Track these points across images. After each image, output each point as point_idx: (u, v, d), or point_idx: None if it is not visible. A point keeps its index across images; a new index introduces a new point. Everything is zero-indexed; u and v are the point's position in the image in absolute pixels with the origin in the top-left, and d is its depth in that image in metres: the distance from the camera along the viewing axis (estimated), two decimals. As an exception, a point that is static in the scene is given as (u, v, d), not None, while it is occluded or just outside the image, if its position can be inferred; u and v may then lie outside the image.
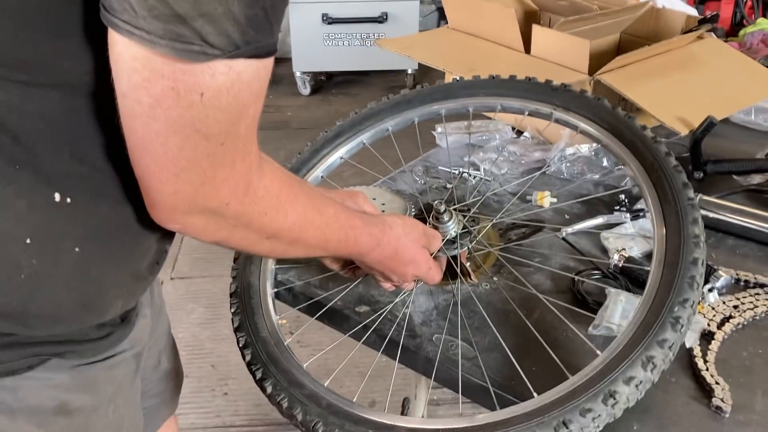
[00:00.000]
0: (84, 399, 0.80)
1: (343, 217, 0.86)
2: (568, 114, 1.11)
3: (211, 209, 0.68)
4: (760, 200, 1.36)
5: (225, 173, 0.66)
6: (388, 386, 2.22)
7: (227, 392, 2.36)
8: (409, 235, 0.94)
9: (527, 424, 0.76)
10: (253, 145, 0.69)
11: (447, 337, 1.02)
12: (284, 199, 0.75)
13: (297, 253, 0.84)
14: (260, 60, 0.61)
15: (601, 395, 0.76)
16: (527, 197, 1.38)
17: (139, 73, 0.58)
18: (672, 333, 0.79)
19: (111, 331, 0.82)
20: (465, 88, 1.22)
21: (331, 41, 4.52)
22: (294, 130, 4.25)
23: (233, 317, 1.00)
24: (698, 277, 0.84)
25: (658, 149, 0.99)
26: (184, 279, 2.93)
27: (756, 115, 1.73)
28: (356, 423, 0.81)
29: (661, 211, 0.93)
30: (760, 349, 0.99)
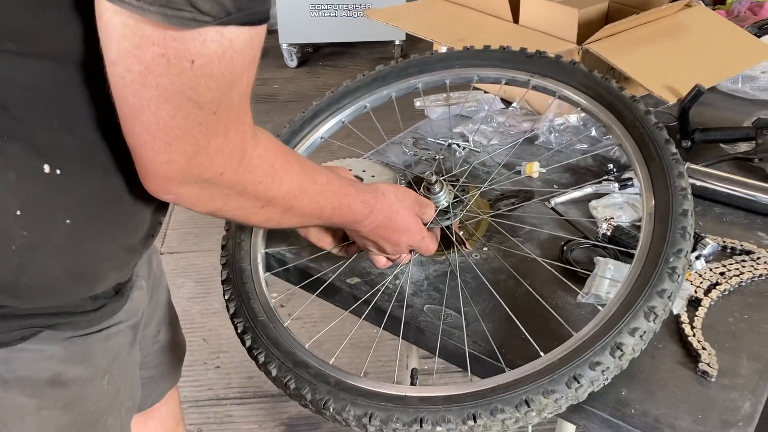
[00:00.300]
0: (78, 370, 0.80)
1: (337, 184, 0.85)
2: (546, 80, 1.12)
3: (205, 179, 0.67)
4: (746, 168, 1.37)
5: (219, 142, 0.66)
6: (378, 357, 2.26)
7: (219, 365, 2.37)
8: (402, 203, 0.94)
9: (539, 381, 0.77)
10: (246, 115, 0.68)
11: (438, 307, 1.02)
12: (279, 168, 0.75)
13: (292, 222, 0.84)
14: (253, 27, 0.61)
15: (608, 348, 0.78)
16: (516, 167, 1.39)
17: (129, 41, 0.57)
18: (670, 283, 0.81)
19: (104, 303, 0.82)
20: (440, 60, 1.22)
21: (317, 12, 4.47)
22: (281, 102, 4.22)
23: (228, 304, 0.99)
24: (689, 228, 0.86)
25: (637, 108, 1.01)
26: (174, 254, 2.93)
27: (743, 83, 1.74)
28: (367, 397, 0.81)
29: (647, 168, 0.94)
30: (746, 315, 1.00)
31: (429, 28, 1.65)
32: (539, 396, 0.77)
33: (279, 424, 2.15)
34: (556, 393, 0.77)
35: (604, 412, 0.85)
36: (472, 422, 0.76)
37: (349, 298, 1.07)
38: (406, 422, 0.78)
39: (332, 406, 0.81)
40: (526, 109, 1.60)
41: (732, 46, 1.65)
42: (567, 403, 0.78)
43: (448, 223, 1.04)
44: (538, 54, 1.15)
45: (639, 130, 0.98)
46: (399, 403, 0.80)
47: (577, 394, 0.78)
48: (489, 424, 0.76)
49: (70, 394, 0.80)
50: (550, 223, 1.21)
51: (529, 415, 0.77)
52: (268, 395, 2.23)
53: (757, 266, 1.08)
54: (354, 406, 0.80)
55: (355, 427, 0.81)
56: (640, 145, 0.97)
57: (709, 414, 0.84)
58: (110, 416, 0.87)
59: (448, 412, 0.77)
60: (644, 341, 0.80)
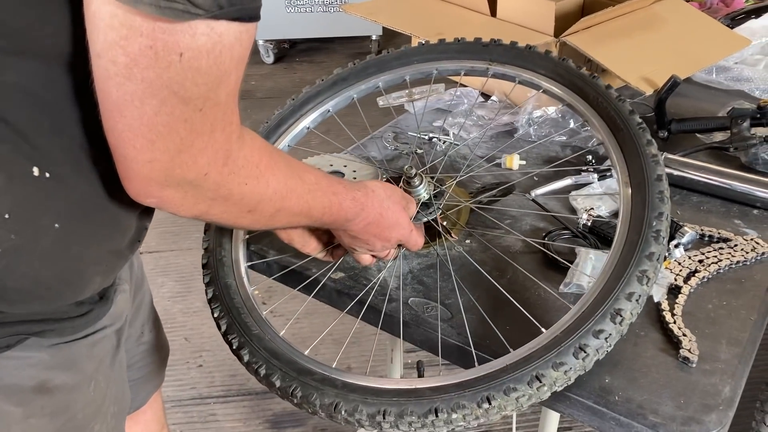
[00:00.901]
0: (64, 377, 0.79)
1: (325, 183, 0.84)
2: (504, 67, 1.13)
3: (188, 180, 0.66)
4: (722, 157, 1.39)
5: (203, 142, 0.64)
6: (362, 352, 2.26)
7: (202, 364, 2.36)
8: (392, 198, 0.93)
9: (547, 356, 0.78)
10: (234, 115, 0.67)
11: (423, 299, 1.03)
12: (264, 168, 0.73)
13: (281, 223, 0.82)
14: (243, 24, 0.60)
15: (608, 315, 0.80)
16: (497, 160, 1.39)
17: (116, 31, 0.56)
18: (656, 245, 0.84)
19: (90, 309, 0.81)
20: (398, 58, 1.22)
21: (293, 8, 4.45)
22: (259, 99, 4.20)
23: (218, 321, 0.97)
24: (666, 192, 0.90)
25: (598, 84, 1.03)
26: (153, 253, 2.90)
27: (717, 74, 1.76)
28: (377, 394, 0.81)
29: (616, 140, 0.97)
30: (724, 301, 1.02)
31: (407, 23, 1.65)
32: (549, 370, 0.78)
33: (263, 422, 2.14)
34: (565, 365, 0.78)
35: (589, 400, 0.86)
36: (487, 404, 0.77)
37: (333, 293, 1.08)
38: (421, 414, 0.78)
39: (344, 409, 0.80)
40: (505, 102, 1.61)
41: (706, 37, 1.67)
42: (576, 374, 0.79)
43: (433, 216, 1.04)
44: (494, 42, 1.16)
45: (602, 105, 1.00)
46: (411, 396, 0.80)
47: (584, 364, 0.79)
48: (503, 404, 0.77)
49: (57, 401, 0.79)
50: (531, 215, 1.22)
51: (541, 390, 0.78)
52: (252, 393, 2.23)
53: (734, 253, 1.10)
54: (366, 405, 0.80)
55: (369, 426, 0.81)
56: (605, 119, 0.99)
57: (691, 399, 0.86)
58: (97, 422, 0.86)
59: (462, 398, 0.78)
60: (640, 305, 0.82)
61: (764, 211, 1.23)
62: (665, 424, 0.82)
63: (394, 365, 1.71)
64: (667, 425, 0.82)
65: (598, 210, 1.18)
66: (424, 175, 1.05)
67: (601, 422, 0.86)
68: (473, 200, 1.18)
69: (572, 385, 0.86)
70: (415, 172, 1.02)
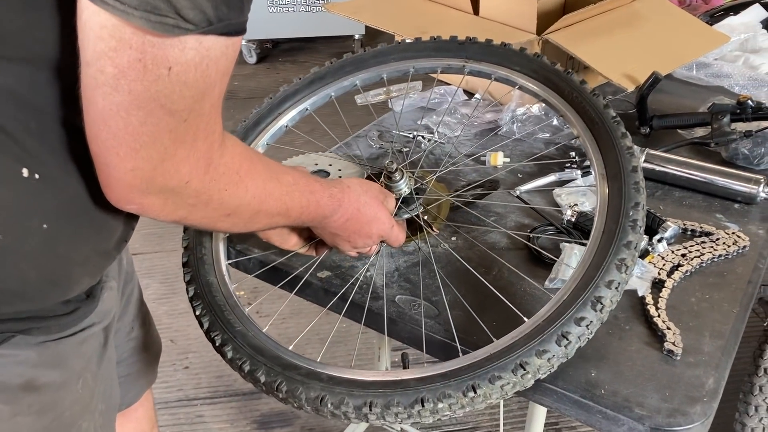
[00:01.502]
0: (52, 375, 0.79)
1: (303, 182, 0.85)
2: (480, 64, 1.15)
3: (170, 188, 0.66)
4: (703, 152, 1.41)
5: (186, 151, 0.65)
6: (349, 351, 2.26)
7: (188, 366, 2.35)
8: (368, 193, 0.94)
9: (530, 344, 0.79)
10: (217, 124, 0.67)
11: (410, 297, 1.03)
12: (244, 174, 0.74)
13: (259, 225, 0.83)
14: (230, 38, 0.61)
15: (588, 303, 0.81)
16: (481, 158, 1.40)
17: (105, 42, 0.57)
18: (633, 234, 0.85)
19: (77, 307, 0.81)
20: (375, 56, 1.23)
21: (275, 8, 4.44)
22: (242, 99, 4.18)
23: (201, 319, 0.97)
24: (641, 183, 0.91)
25: (572, 80, 1.05)
26: (137, 255, 2.89)
27: (697, 70, 1.78)
28: (363, 386, 0.81)
29: (591, 133, 0.99)
30: (707, 294, 1.03)
31: (389, 21, 1.65)
32: (533, 357, 0.78)
33: (251, 422, 2.14)
34: (548, 352, 0.79)
35: (575, 394, 0.87)
36: (473, 393, 0.78)
37: (320, 292, 1.08)
38: (407, 404, 0.78)
39: (329, 402, 0.81)
40: (488, 100, 1.62)
41: (686, 34, 1.69)
42: (558, 361, 0.80)
43: (416, 212, 1.05)
44: (469, 40, 1.17)
45: (578, 100, 1.02)
46: (397, 387, 0.80)
47: (567, 351, 0.80)
48: (489, 393, 0.78)
49: (44, 399, 0.79)
50: (516, 212, 1.23)
51: (525, 378, 0.79)
52: (239, 393, 2.22)
53: (716, 247, 1.11)
54: (352, 398, 0.80)
55: (356, 419, 0.81)
56: (581, 114, 1.01)
57: (676, 391, 0.87)
58: (85, 420, 0.86)
59: (447, 388, 0.78)
60: (619, 292, 0.83)
61: (745, 205, 1.25)
62: (651, 417, 0.83)
63: (381, 363, 1.71)
64: (652, 417, 0.83)
65: (581, 206, 1.19)
66: (405, 170, 1.05)
67: (587, 416, 0.87)
68: (452, 193, 1.18)
69: (558, 379, 0.87)
70: (395, 167, 1.03)
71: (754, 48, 1.92)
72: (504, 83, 1.13)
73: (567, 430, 2.06)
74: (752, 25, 1.99)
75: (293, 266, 1.09)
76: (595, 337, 0.94)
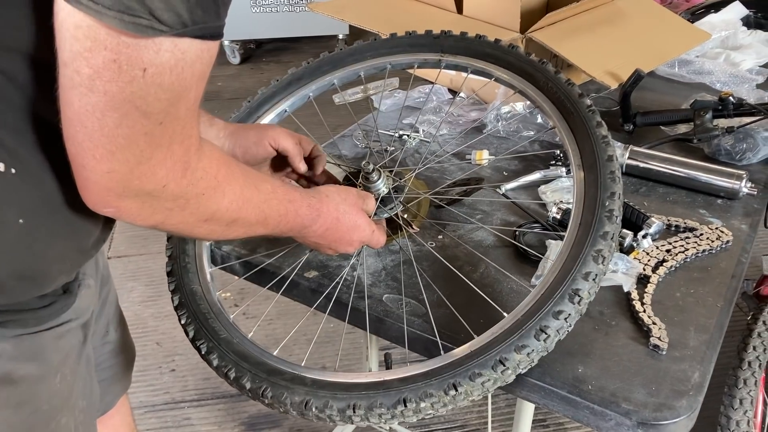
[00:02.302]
0: (29, 368, 0.79)
1: (281, 191, 0.85)
2: (456, 58, 1.15)
3: (147, 191, 0.66)
4: (686, 148, 1.42)
5: (162, 154, 0.64)
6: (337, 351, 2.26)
7: (174, 368, 2.33)
8: (347, 200, 0.94)
9: (509, 340, 0.80)
10: (193, 129, 0.67)
11: (397, 296, 1.03)
12: (222, 179, 0.74)
13: (237, 233, 0.82)
14: (205, 42, 0.60)
15: (566, 296, 0.81)
16: (467, 156, 1.40)
17: (81, 42, 0.56)
18: (610, 225, 0.86)
19: (53, 301, 0.80)
20: (351, 54, 1.22)
21: (258, 8, 4.43)
22: (226, 100, 4.16)
23: (186, 328, 0.96)
24: (617, 172, 0.91)
25: (547, 69, 1.05)
26: (122, 258, 2.87)
27: (679, 67, 1.80)
28: (347, 389, 0.82)
29: (567, 123, 0.99)
30: (692, 289, 1.04)
31: (373, 20, 1.65)
32: (512, 353, 0.79)
33: (239, 424, 2.13)
34: (528, 347, 0.79)
35: (563, 390, 0.87)
36: (454, 391, 0.78)
37: (307, 292, 1.07)
38: (390, 405, 0.79)
39: (314, 406, 0.81)
40: (473, 99, 1.62)
41: (668, 31, 1.71)
42: (538, 355, 0.80)
43: (394, 211, 1.05)
44: (444, 34, 1.17)
45: (552, 90, 1.02)
46: (379, 388, 0.80)
47: (546, 345, 0.80)
48: (470, 390, 0.78)
49: (21, 392, 0.79)
50: (502, 210, 1.24)
51: (505, 374, 0.79)
52: (226, 395, 2.21)
53: (700, 242, 1.12)
54: (336, 401, 0.81)
55: (340, 422, 0.81)
56: (556, 104, 1.01)
57: (662, 385, 0.87)
58: (64, 415, 0.86)
59: (429, 387, 0.79)
60: (597, 284, 0.83)
61: (728, 200, 1.26)
62: (638, 411, 0.84)
63: (369, 363, 1.71)
64: (639, 412, 0.84)
65: (567, 203, 1.20)
66: (383, 169, 1.05)
67: (575, 411, 0.87)
68: (432, 191, 1.18)
69: (546, 375, 0.88)
70: (372, 167, 1.02)
71: (734, 45, 1.94)
72: (480, 76, 1.13)
73: (555, 426, 2.07)
74: (733, 23, 2.01)
75: (281, 267, 1.08)
76: (582, 333, 0.95)
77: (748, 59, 1.84)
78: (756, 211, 1.24)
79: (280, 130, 1.03)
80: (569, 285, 0.82)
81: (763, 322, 1.31)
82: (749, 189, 1.25)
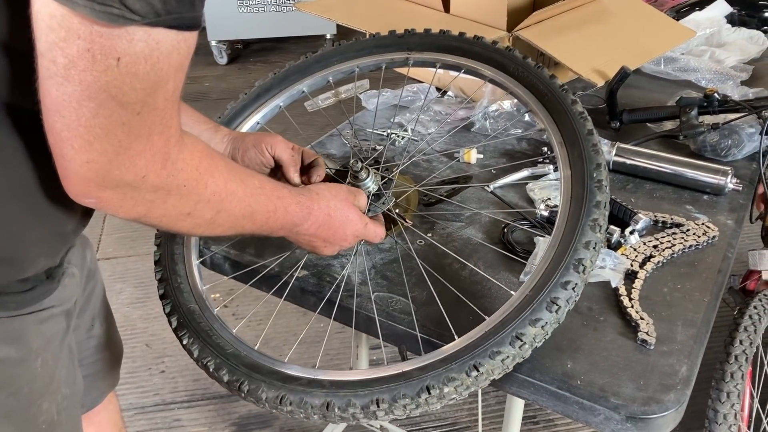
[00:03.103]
0: (8, 350, 0.79)
1: (269, 187, 0.85)
2: (424, 54, 1.15)
3: (127, 182, 0.66)
4: (672, 145, 1.43)
5: (141, 144, 0.65)
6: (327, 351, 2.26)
7: (164, 370, 2.33)
8: (337, 196, 0.94)
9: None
10: (172, 119, 0.67)
11: (387, 294, 1.03)
12: (204, 171, 0.74)
13: (223, 227, 0.82)
14: (180, 32, 0.61)
15: (558, 285, 0.82)
16: (455, 155, 1.41)
17: (56, 32, 0.57)
18: (600, 194, 0.88)
19: (34, 285, 0.81)
20: (318, 61, 1.22)
21: (245, 8, 4.42)
22: (213, 101, 4.15)
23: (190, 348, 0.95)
24: (599, 144, 0.93)
25: (515, 56, 1.06)
26: (110, 259, 2.85)
27: (665, 65, 1.81)
28: (367, 385, 0.82)
29: (543, 105, 1.00)
30: (679, 284, 1.05)
31: (361, 20, 1.65)
32: (527, 328, 0.80)
33: (229, 425, 2.12)
34: (541, 320, 0.80)
35: (552, 385, 0.88)
36: (476, 372, 0.79)
37: (297, 291, 1.07)
38: (413, 395, 0.79)
39: (337, 406, 0.81)
40: (461, 97, 1.63)
41: (653, 29, 1.72)
42: (551, 327, 0.82)
43: (386, 206, 1.05)
44: (408, 32, 1.18)
45: (523, 74, 1.04)
46: (400, 380, 0.81)
47: (558, 317, 0.82)
48: (491, 369, 0.80)
49: (0, 373, 0.79)
50: (490, 207, 1.24)
51: (523, 349, 0.80)
52: (216, 396, 2.20)
53: (686, 238, 1.13)
54: (357, 398, 0.81)
55: (364, 418, 0.82)
56: (529, 88, 1.02)
57: (650, 379, 0.88)
58: (45, 400, 0.86)
59: (450, 371, 0.79)
60: (597, 251, 0.85)
61: (713, 196, 1.27)
62: (626, 405, 0.84)
63: (360, 361, 1.71)
64: (628, 406, 0.84)
65: (555, 200, 1.21)
66: (370, 167, 1.05)
67: (564, 407, 0.88)
68: (420, 184, 1.18)
69: (535, 371, 0.88)
70: (360, 166, 1.03)
71: (719, 42, 1.96)
72: (450, 69, 1.13)
73: (545, 423, 2.08)
74: (717, 20, 2.03)
75: (271, 266, 1.08)
76: (570, 328, 0.95)
77: (732, 56, 1.86)
78: (741, 207, 1.26)
79: (279, 139, 1.02)
80: (571, 256, 0.83)
81: (749, 316, 1.32)
82: (734, 185, 1.27)
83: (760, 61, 1.93)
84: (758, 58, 1.94)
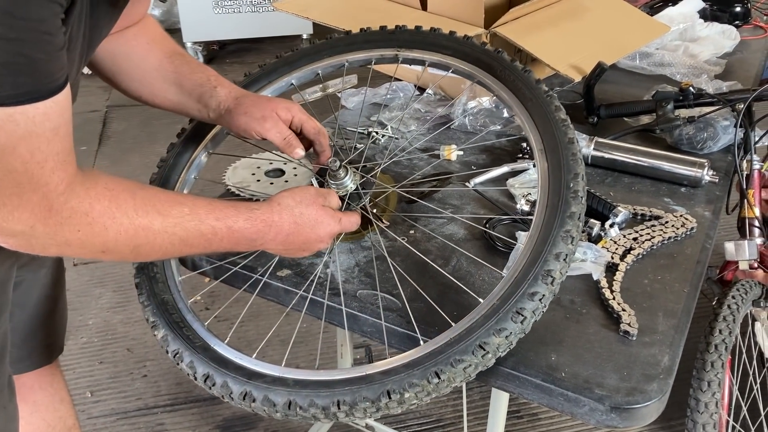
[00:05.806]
0: None
1: (203, 211, 0.84)
2: (413, 51, 1.15)
3: (19, 231, 0.71)
4: (649, 139, 1.45)
5: (16, 201, 0.69)
6: (310, 351, 2.25)
7: (146, 374, 2.30)
8: (303, 202, 0.93)
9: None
10: (49, 176, 0.70)
11: (371, 291, 1.03)
12: (97, 215, 0.75)
13: (157, 255, 0.84)
14: (5, 108, 0.64)
15: (539, 277, 0.83)
16: (435, 152, 1.41)
17: None
18: (576, 205, 0.88)
19: None
20: (307, 55, 1.22)
21: (221, 9, 4.40)
22: (190, 102, 4.12)
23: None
24: (578, 154, 0.94)
25: (502, 58, 1.07)
26: (88, 264, 2.82)
27: (640, 59, 1.83)
28: (329, 386, 0.82)
29: (526, 110, 1.01)
30: (659, 276, 1.06)
31: (339, 18, 1.65)
32: (491, 337, 0.80)
33: (213, 428, 2.11)
34: (506, 330, 0.80)
35: (537, 378, 0.89)
36: (437, 379, 0.79)
37: (280, 291, 1.07)
38: (373, 399, 0.79)
39: (299, 405, 0.81)
40: (440, 95, 1.63)
41: (628, 24, 1.74)
42: (516, 337, 0.82)
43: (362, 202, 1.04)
44: (399, 29, 1.18)
45: (510, 78, 1.04)
46: (363, 383, 0.81)
47: (523, 327, 0.82)
48: (452, 377, 0.80)
49: None
50: (472, 203, 1.25)
51: (486, 358, 0.81)
52: (200, 399, 2.19)
53: (665, 230, 1.15)
54: (319, 398, 0.81)
55: (325, 418, 0.82)
56: (514, 92, 1.03)
57: (633, 370, 0.89)
58: None
59: (412, 377, 0.80)
60: (567, 263, 0.85)
61: (691, 188, 1.29)
62: (611, 396, 0.85)
63: (344, 358, 1.71)
64: (612, 397, 0.85)
65: (534, 195, 1.21)
66: (348, 167, 1.05)
67: (549, 399, 0.89)
68: (399, 185, 1.19)
69: (520, 364, 0.89)
70: (339, 165, 1.02)
71: (692, 37, 1.98)
72: (438, 68, 1.14)
73: (529, 417, 2.09)
74: (690, 15, 2.06)
75: (254, 268, 1.08)
76: (553, 321, 0.96)
77: (706, 51, 1.88)
78: (718, 198, 1.27)
79: (273, 123, 1.04)
80: (541, 267, 0.83)
81: (728, 306, 1.34)
82: (711, 177, 1.28)
83: (733, 56, 1.96)
84: (731, 53, 1.97)
